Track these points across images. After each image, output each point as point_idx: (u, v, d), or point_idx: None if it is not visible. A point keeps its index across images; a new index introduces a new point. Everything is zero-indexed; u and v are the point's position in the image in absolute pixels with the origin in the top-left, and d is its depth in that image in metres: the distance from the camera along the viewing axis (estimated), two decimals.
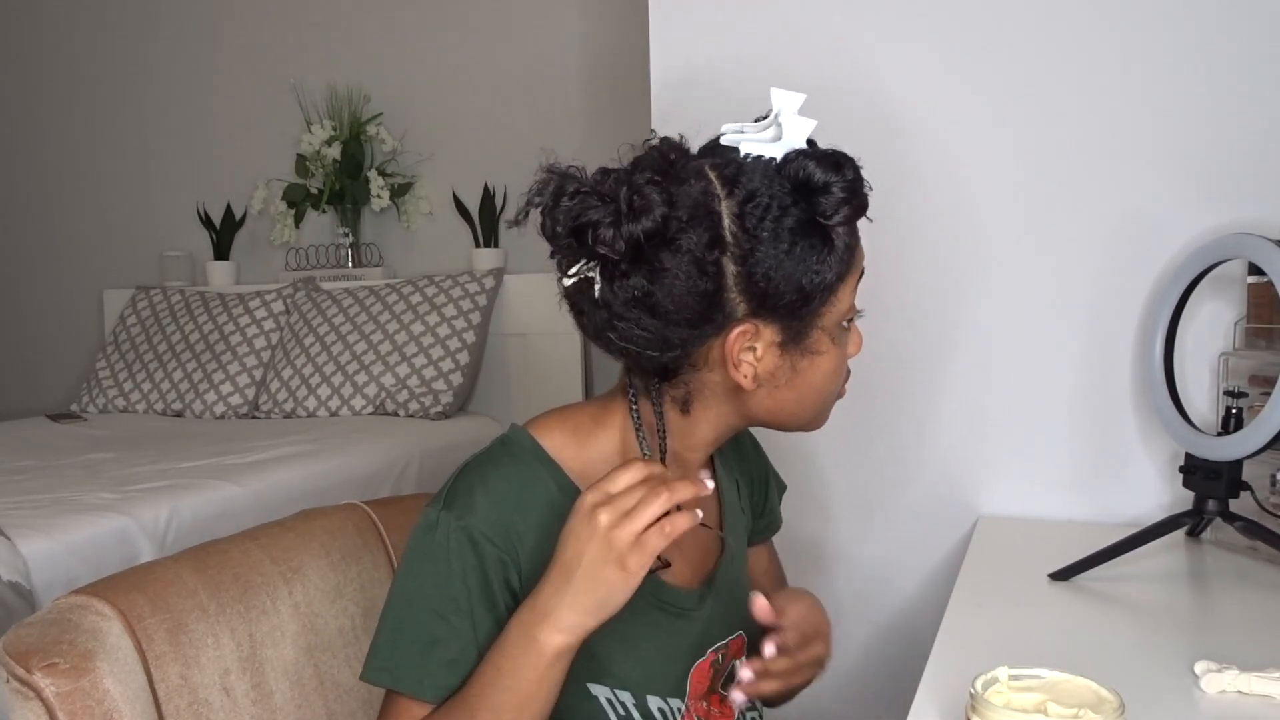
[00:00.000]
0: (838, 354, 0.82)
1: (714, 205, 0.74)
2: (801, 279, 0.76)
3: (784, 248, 0.74)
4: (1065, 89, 1.27)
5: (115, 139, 3.40)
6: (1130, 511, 1.26)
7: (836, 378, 0.84)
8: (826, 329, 0.80)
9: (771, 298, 0.76)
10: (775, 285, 0.75)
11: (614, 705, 0.81)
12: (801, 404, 0.83)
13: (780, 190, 0.75)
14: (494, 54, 2.85)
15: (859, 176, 0.78)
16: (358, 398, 2.53)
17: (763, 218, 0.74)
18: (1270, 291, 1.09)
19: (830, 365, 0.82)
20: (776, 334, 0.78)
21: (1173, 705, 0.75)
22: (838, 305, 0.80)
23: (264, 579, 0.86)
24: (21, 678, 0.67)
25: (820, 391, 0.83)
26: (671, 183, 0.73)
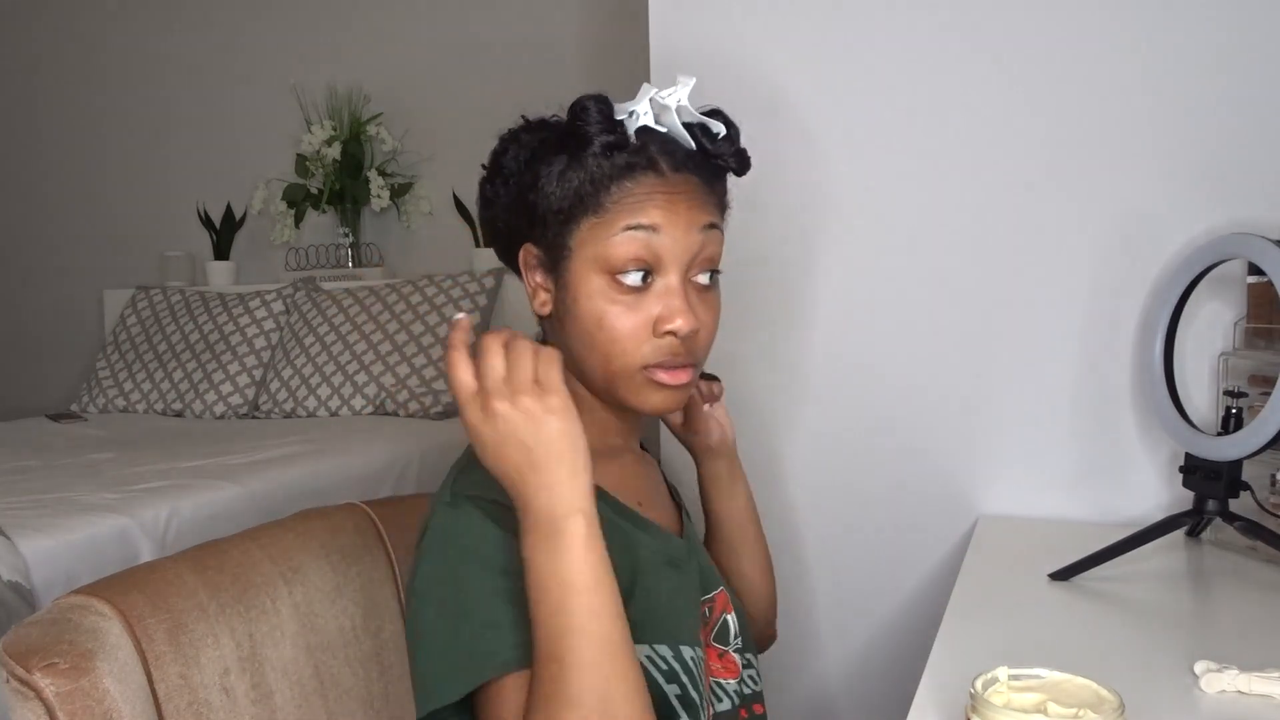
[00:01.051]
0: (604, 304, 0.81)
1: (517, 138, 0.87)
2: (532, 195, 0.84)
3: (534, 169, 0.84)
4: (1065, 88, 1.27)
5: (116, 139, 3.40)
6: (1130, 511, 1.26)
7: (607, 333, 0.81)
8: (581, 265, 0.82)
9: (519, 212, 0.85)
10: (521, 198, 0.85)
11: (654, 662, 0.81)
12: (581, 343, 0.83)
13: (557, 126, 0.85)
14: (494, 54, 2.85)
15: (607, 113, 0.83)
16: (358, 398, 2.54)
17: (537, 144, 0.85)
18: (1270, 291, 1.09)
19: (595, 308, 0.81)
20: (540, 253, 0.85)
21: (1173, 705, 0.75)
22: (592, 245, 0.81)
23: (264, 579, 0.86)
24: (21, 678, 0.67)
25: (592, 335, 0.82)
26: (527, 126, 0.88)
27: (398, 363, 2.54)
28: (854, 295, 1.38)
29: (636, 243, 0.80)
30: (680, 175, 0.83)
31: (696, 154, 0.85)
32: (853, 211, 1.37)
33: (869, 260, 1.37)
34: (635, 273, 0.81)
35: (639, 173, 0.82)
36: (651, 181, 0.82)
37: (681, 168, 0.83)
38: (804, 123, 1.37)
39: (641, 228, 0.81)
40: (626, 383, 0.83)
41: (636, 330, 0.82)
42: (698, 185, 0.84)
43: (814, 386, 1.40)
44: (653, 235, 0.81)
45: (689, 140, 0.84)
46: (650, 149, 0.82)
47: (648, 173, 0.82)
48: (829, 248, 1.38)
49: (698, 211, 0.83)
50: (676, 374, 0.83)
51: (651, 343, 0.82)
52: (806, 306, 1.39)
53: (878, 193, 1.36)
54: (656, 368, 0.82)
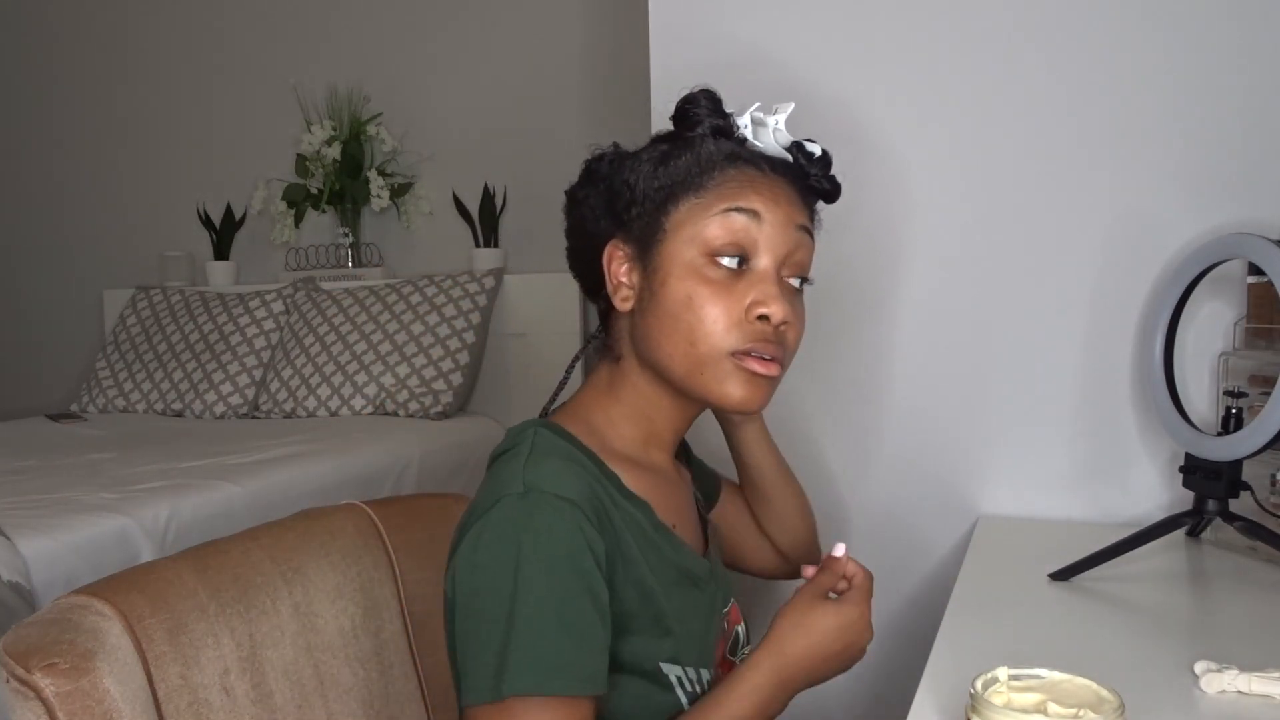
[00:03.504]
0: (695, 285, 0.79)
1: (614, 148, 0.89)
2: (631, 177, 0.83)
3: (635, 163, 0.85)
4: (1065, 88, 1.27)
5: (116, 139, 3.40)
6: (1130, 511, 1.26)
7: (695, 315, 0.79)
8: (676, 247, 0.81)
9: (614, 201, 0.85)
10: (617, 188, 0.84)
11: (683, 682, 0.82)
12: (663, 330, 0.81)
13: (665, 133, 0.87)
14: (494, 54, 2.85)
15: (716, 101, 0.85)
16: (358, 398, 2.53)
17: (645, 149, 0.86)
18: (1270, 291, 1.09)
19: (684, 294, 0.79)
20: (631, 246, 0.84)
21: (1173, 705, 0.75)
22: (688, 225, 0.81)
23: (264, 579, 0.86)
24: (21, 678, 0.67)
25: (679, 324, 0.79)
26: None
27: (398, 363, 2.54)
28: (853, 296, 1.38)
29: (737, 225, 0.80)
30: (781, 176, 0.84)
31: (793, 166, 0.86)
32: (851, 212, 1.37)
33: (868, 260, 1.37)
34: (732, 257, 0.80)
35: (742, 163, 0.83)
36: (753, 173, 0.83)
37: (779, 170, 0.85)
38: (804, 125, 1.37)
39: (743, 210, 0.80)
40: (713, 370, 0.80)
41: (728, 312, 0.79)
42: (795, 191, 0.85)
43: (814, 387, 1.40)
44: (753, 221, 0.81)
45: (786, 155, 0.86)
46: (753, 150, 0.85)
47: (750, 166, 0.83)
48: (827, 248, 1.38)
49: (796, 209, 0.84)
50: (769, 365, 0.80)
51: (743, 327, 0.79)
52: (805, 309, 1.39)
53: (876, 193, 1.36)
54: (746, 355, 0.79)
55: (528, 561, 0.71)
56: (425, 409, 2.50)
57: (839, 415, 1.40)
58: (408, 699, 0.96)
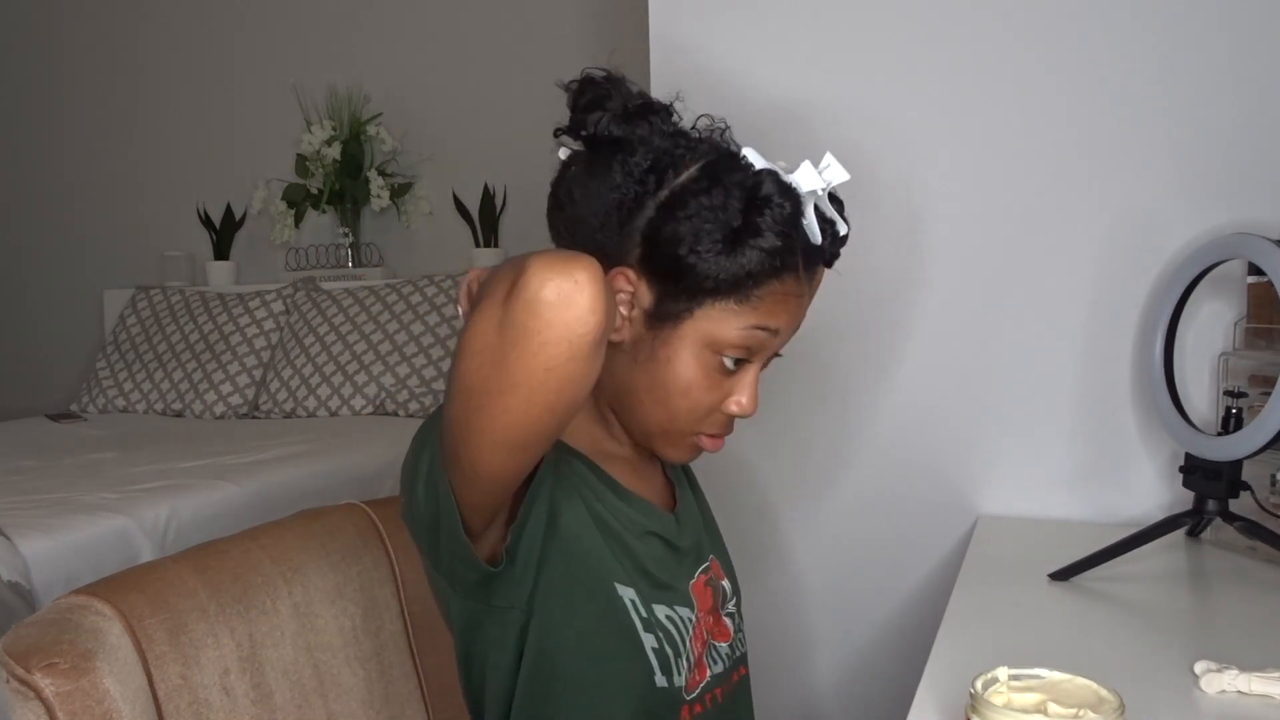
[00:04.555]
0: (699, 377, 0.81)
1: (679, 158, 0.79)
2: (683, 252, 0.77)
3: (695, 216, 0.77)
4: (1064, 88, 1.27)
5: (116, 139, 3.40)
6: (1130, 511, 1.26)
7: (689, 400, 0.82)
8: (694, 333, 0.80)
9: (655, 251, 0.78)
10: (667, 241, 0.77)
11: (635, 606, 0.83)
12: (650, 395, 0.82)
13: (736, 189, 0.78)
14: (494, 54, 2.85)
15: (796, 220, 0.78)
16: (358, 398, 2.54)
17: (701, 190, 0.77)
18: (1270, 291, 1.09)
19: (685, 378, 0.81)
20: (650, 298, 0.80)
21: (1173, 705, 0.75)
22: (715, 323, 0.79)
23: (264, 579, 0.86)
24: (21, 678, 0.67)
25: (669, 396, 0.82)
26: (675, 132, 0.81)
27: (398, 363, 2.54)
28: (853, 297, 1.38)
29: (757, 339, 0.81)
30: (808, 274, 0.83)
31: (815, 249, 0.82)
32: (851, 214, 1.37)
33: (867, 261, 1.37)
34: (736, 360, 0.82)
35: (786, 274, 0.80)
36: (791, 284, 0.81)
37: (810, 267, 0.82)
38: (803, 127, 1.37)
39: (768, 330, 0.81)
40: (673, 439, 0.85)
41: (711, 406, 0.83)
42: (813, 285, 0.85)
43: (813, 387, 1.40)
44: (770, 336, 0.82)
45: (819, 238, 0.81)
46: (794, 240, 0.79)
47: (792, 274, 0.80)
48: None
49: (804, 311, 0.85)
50: (719, 440, 0.87)
51: (714, 416, 0.84)
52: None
53: (876, 194, 1.36)
54: (705, 436, 0.85)
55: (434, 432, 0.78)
56: (425, 409, 2.50)
57: (839, 415, 1.40)
58: (407, 699, 0.96)
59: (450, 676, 1.00)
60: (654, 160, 0.79)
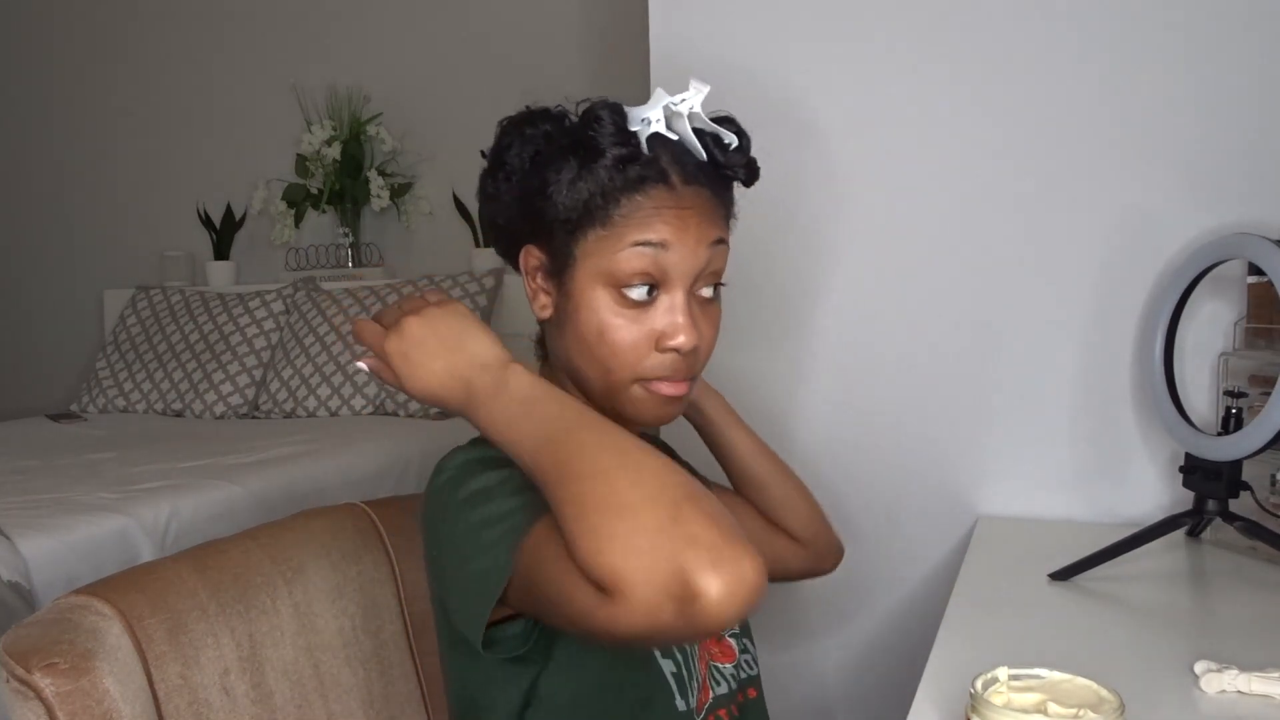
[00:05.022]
0: (608, 318, 0.80)
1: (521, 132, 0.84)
2: (537, 200, 0.81)
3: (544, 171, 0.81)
4: (1064, 88, 1.27)
5: (115, 139, 3.40)
6: (1130, 511, 1.26)
7: (610, 346, 0.80)
8: (586, 275, 0.80)
9: (529, 212, 0.83)
10: (530, 200, 0.82)
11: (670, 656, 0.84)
12: (581, 355, 0.82)
13: (574, 129, 0.82)
14: (494, 54, 2.85)
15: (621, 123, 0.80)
16: (358, 398, 2.53)
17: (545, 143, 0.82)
18: (1270, 291, 1.09)
19: (596, 320, 0.80)
20: (544, 257, 0.83)
21: (1173, 705, 0.75)
22: (598, 256, 0.80)
23: (264, 579, 0.86)
24: (21, 678, 0.67)
25: (592, 346, 0.81)
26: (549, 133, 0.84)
27: None
28: (854, 297, 1.38)
29: (644, 258, 0.79)
30: (691, 188, 0.81)
31: (707, 165, 0.83)
32: (852, 213, 1.37)
33: (868, 261, 1.37)
34: (640, 287, 0.80)
35: (650, 186, 0.79)
36: (662, 195, 0.79)
37: (692, 180, 0.81)
38: (804, 123, 1.37)
39: (650, 244, 0.79)
40: (624, 394, 0.82)
41: (637, 344, 0.81)
42: (708, 198, 0.82)
43: (813, 387, 1.40)
44: (660, 251, 0.79)
45: (700, 151, 0.82)
46: (662, 160, 0.80)
47: (659, 186, 0.79)
48: (829, 250, 1.38)
49: (707, 227, 0.81)
50: (678, 385, 0.82)
51: (653, 357, 0.81)
52: (806, 310, 1.39)
53: (878, 194, 1.36)
54: (657, 380, 0.82)
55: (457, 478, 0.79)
56: (425, 409, 2.50)
57: (839, 415, 1.40)
58: (407, 699, 0.96)
59: None
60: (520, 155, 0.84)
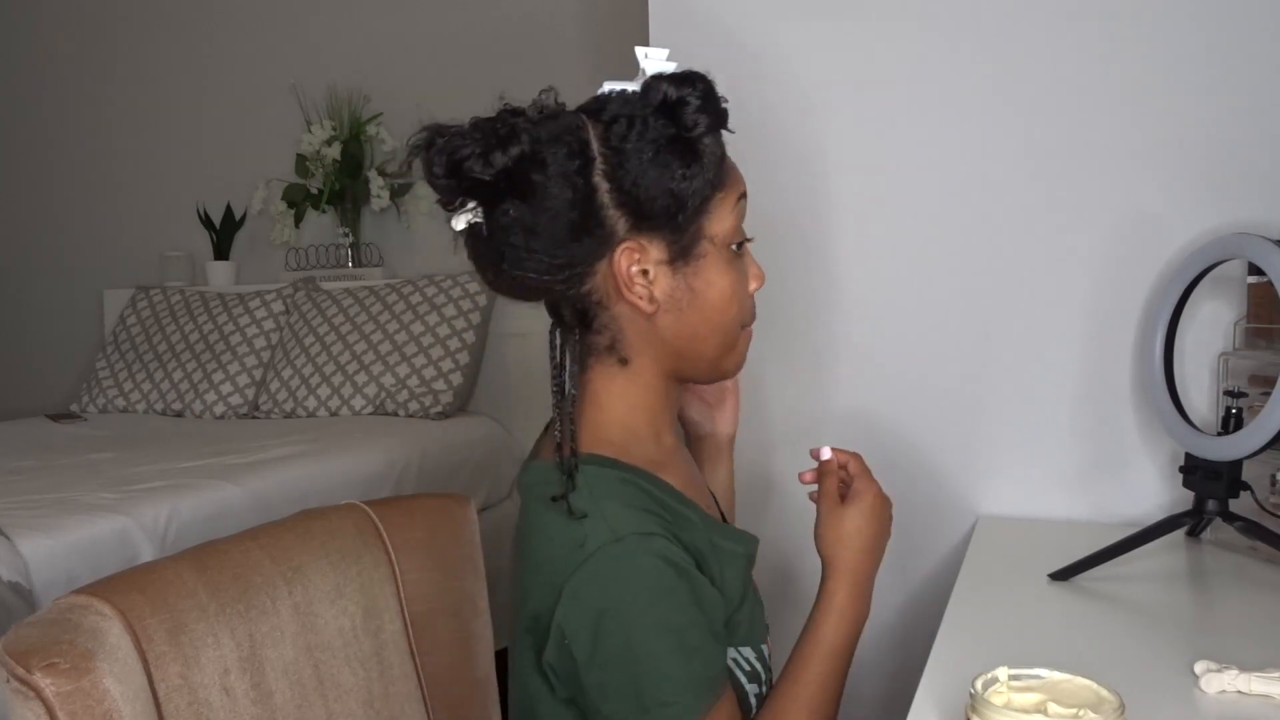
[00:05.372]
0: (733, 277, 0.84)
1: (580, 128, 0.79)
2: (671, 186, 0.79)
3: (649, 157, 0.78)
4: (1064, 88, 1.27)
5: (115, 139, 3.40)
6: (1130, 511, 1.26)
7: (736, 303, 0.84)
8: (714, 246, 0.82)
9: (645, 206, 0.79)
10: (647, 193, 0.78)
11: (739, 663, 0.84)
12: (709, 329, 0.84)
13: (643, 110, 0.79)
14: (494, 54, 2.85)
15: (711, 89, 0.80)
16: (358, 398, 2.53)
17: (626, 134, 0.78)
18: (1270, 291, 1.09)
19: (727, 286, 0.83)
20: (663, 251, 0.81)
21: (1173, 705, 0.75)
22: (719, 221, 0.82)
23: (264, 579, 0.86)
24: (21, 678, 0.67)
25: (723, 316, 0.84)
26: (542, 119, 0.80)
27: (398, 363, 2.54)
28: (854, 296, 1.38)
29: (743, 210, 0.84)
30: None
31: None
32: (851, 214, 1.37)
33: (868, 260, 1.37)
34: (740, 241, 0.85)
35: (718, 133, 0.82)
36: (721, 147, 0.83)
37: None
38: (800, 125, 1.37)
39: (744, 195, 0.85)
40: (733, 348, 0.87)
41: (743, 292, 0.86)
42: None
43: (813, 387, 1.40)
44: (744, 201, 0.85)
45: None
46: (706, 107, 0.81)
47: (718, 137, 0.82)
48: (828, 247, 1.38)
49: None
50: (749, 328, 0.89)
51: (748, 303, 0.87)
52: (806, 309, 1.39)
53: (878, 192, 1.36)
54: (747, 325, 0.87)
55: (635, 605, 0.76)
56: (425, 409, 2.50)
57: (838, 415, 1.40)
58: (407, 699, 0.96)
59: (449, 676, 1.00)
60: (560, 150, 0.78)
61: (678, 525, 0.81)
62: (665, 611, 0.76)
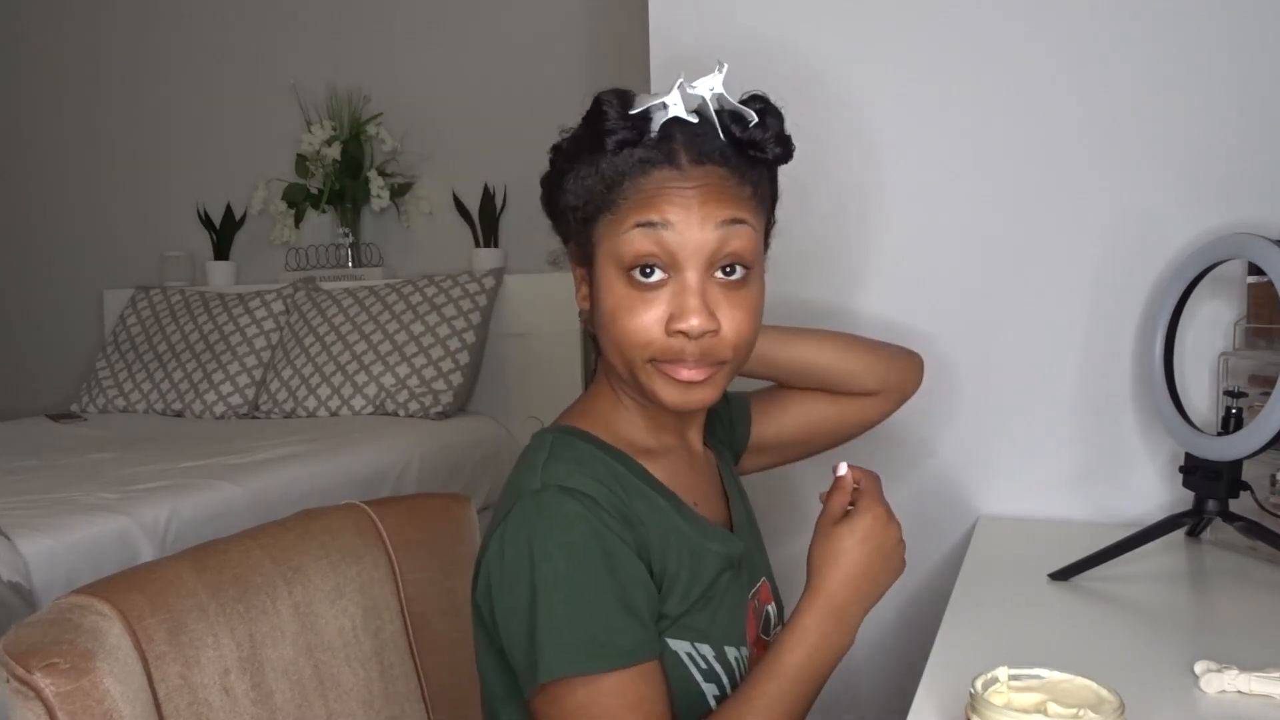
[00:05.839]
0: (619, 295, 0.80)
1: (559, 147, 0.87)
2: (556, 193, 0.85)
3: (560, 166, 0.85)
4: (1064, 88, 1.27)
5: (115, 139, 3.40)
6: (1130, 511, 1.26)
7: (618, 322, 0.80)
8: (602, 261, 0.82)
9: (553, 212, 0.87)
10: (554, 194, 0.86)
11: (694, 659, 0.83)
12: (604, 340, 0.84)
13: (582, 123, 0.84)
14: (494, 54, 2.85)
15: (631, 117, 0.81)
16: (358, 398, 2.53)
17: (568, 147, 0.85)
18: (1270, 291, 1.09)
19: (610, 302, 0.81)
20: (576, 251, 0.86)
21: (1173, 705, 0.75)
22: (608, 240, 0.81)
23: (264, 579, 0.86)
24: (21, 678, 0.67)
25: (608, 329, 0.82)
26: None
27: (398, 363, 2.54)
28: (853, 295, 1.38)
29: (647, 239, 0.79)
30: (702, 169, 0.80)
31: (728, 145, 0.82)
32: (850, 215, 1.37)
33: (868, 259, 1.37)
34: (647, 269, 0.79)
35: (653, 168, 0.80)
36: (665, 176, 0.79)
37: (706, 160, 0.80)
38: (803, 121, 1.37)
39: (651, 225, 0.79)
40: (641, 375, 0.82)
41: (647, 327, 0.80)
42: (724, 178, 0.81)
43: None
44: (664, 231, 0.79)
45: (718, 129, 0.82)
46: (675, 142, 0.80)
47: (663, 167, 0.80)
48: (827, 247, 1.38)
49: (716, 206, 0.80)
50: (694, 370, 0.81)
51: (662, 340, 0.80)
52: (806, 309, 1.39)
53: (876, 192, 1.36)
54: (670, 363, 0.81)
55: (543, 554, 0.76)
56: (425, 409, 2.50)
57: None
58: (407, 699, 0.96)
59: (449, 676, 1.00)
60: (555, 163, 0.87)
61: (637, 505, 0.82)
62: (568, 566, 0.75)
